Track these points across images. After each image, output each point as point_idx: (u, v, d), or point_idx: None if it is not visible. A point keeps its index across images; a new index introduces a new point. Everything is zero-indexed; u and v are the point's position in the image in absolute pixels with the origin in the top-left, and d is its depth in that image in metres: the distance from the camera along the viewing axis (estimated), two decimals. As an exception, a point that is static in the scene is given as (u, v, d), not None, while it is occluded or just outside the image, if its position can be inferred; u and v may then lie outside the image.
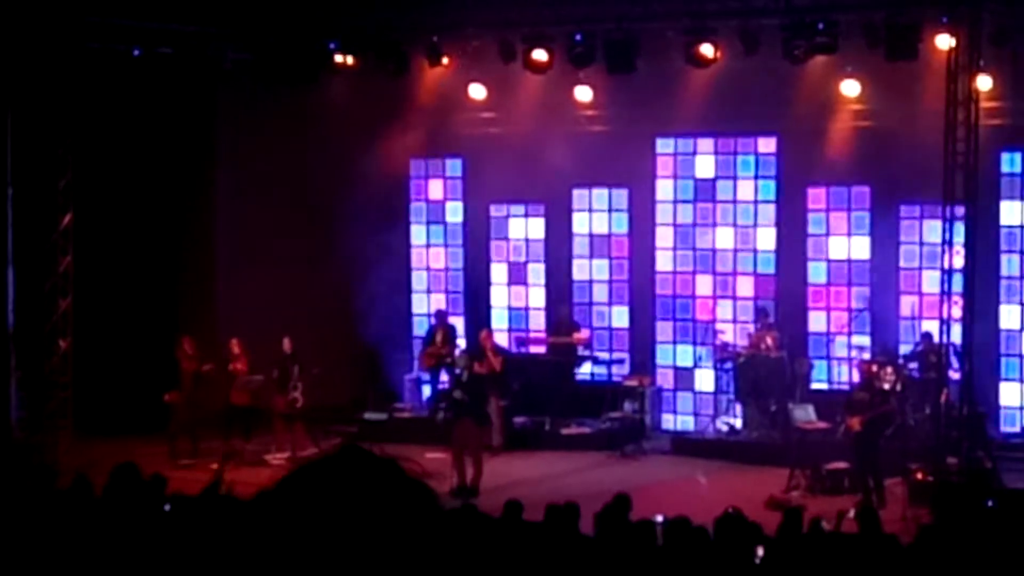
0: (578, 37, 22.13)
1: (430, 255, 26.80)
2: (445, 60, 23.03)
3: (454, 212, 26.67)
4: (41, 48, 21.82)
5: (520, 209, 26.13)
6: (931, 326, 21.21)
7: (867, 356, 22.23)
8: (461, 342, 24.85)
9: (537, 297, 26.17)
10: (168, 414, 22.34)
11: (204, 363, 22.35)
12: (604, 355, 25.27)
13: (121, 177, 24.22)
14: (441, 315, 25.37)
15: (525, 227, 26.15)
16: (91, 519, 9.91)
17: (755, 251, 24.63)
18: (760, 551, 12.05)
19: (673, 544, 11.54)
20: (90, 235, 23.08)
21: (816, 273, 24.28)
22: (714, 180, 24.81)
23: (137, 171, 24.33)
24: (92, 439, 21.96)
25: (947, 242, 19.51)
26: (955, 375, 20.10)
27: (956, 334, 19.30)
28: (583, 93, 23.72)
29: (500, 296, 26.37)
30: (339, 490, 2.33)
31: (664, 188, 25.10)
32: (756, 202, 24.60)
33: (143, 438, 22.06)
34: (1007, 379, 23.07)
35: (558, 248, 25.91)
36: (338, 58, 23.17)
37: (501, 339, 24.86)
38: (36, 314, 22.28)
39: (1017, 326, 23.02)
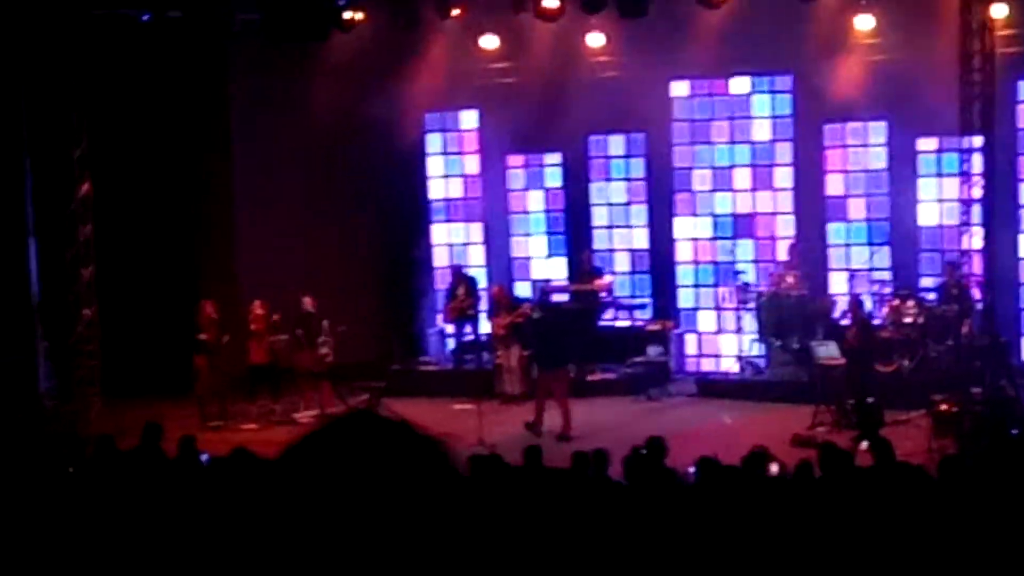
0: (589, -18, 22.06)
1: (449, 208, 26.81)
2: (455, 12, 22.97)
3: (471, 164, 26.67)
4: (49, 16, 21.79)
5: (537, 159, 26.12)
6: (952, 258, 21.20)
7: (888, 291, 22.25)
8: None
9: (557, 246, 26.18)
10: (195, 378, 22.44)
11: (225, 329, 22.36)
12: (626, 300, 25.33)
13: (137, 143, 24.24)
14: (457, 269, 25.41)
15: (543, 176, 26.13)
16: (117, 480, 10.00)
17: (774, 190, 24.58)
18: (774, 467, 12.07)
19: (705, 483, 11.60)
20: (109, 202, 23.11)
21: (835, 210, 24.22)
22: (731, 120, 24.75)
23: (152, 136, 24.34)
24: (122, 405, 22.08)
25: (965, 173, 19.44)
26: (977, 305, 20.09)
27: (976, 265, 19.24)
28: (595, 39, 23.66)
29: (520, 247, 26.38)
30: (350, 452, 2.32)
31: (680, 131, 25.05)
32: (773, 141, 24.53)
33: (172, 402, 22.16)
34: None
35: (577, 196, 25.89)
36: (347, 14, 23.10)
37: (524, 289, 25.09)
38: (59, 284, 22.35)
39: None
